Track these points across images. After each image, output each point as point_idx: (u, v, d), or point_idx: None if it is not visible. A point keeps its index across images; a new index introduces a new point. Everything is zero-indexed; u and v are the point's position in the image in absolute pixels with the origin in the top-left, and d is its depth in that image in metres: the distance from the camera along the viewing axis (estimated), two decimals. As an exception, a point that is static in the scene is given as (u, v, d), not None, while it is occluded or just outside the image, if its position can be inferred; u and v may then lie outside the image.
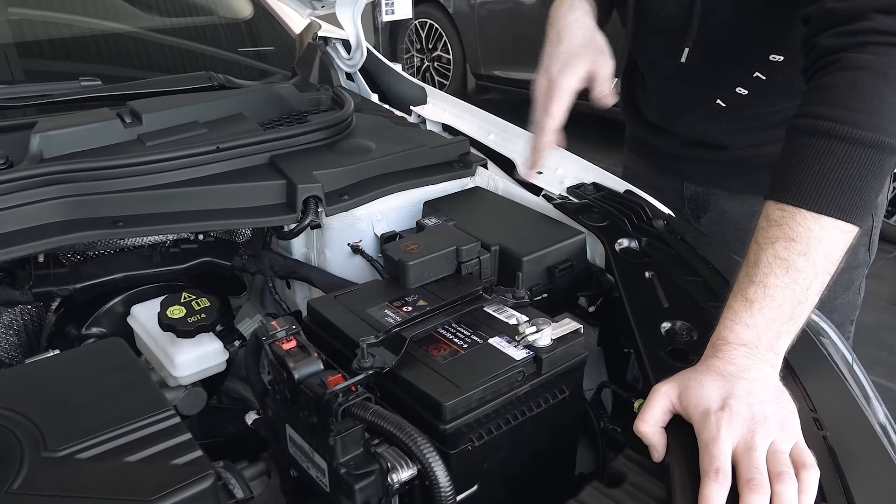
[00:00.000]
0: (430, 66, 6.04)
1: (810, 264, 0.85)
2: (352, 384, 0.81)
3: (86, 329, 1.22)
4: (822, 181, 0.85)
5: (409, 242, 1.06)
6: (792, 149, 0.90)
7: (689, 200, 1.47)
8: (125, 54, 1.91)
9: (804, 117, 0.89)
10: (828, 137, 0.86)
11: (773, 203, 0.88)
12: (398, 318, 0.96)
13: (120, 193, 1.12)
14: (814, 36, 0.95)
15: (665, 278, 1.08)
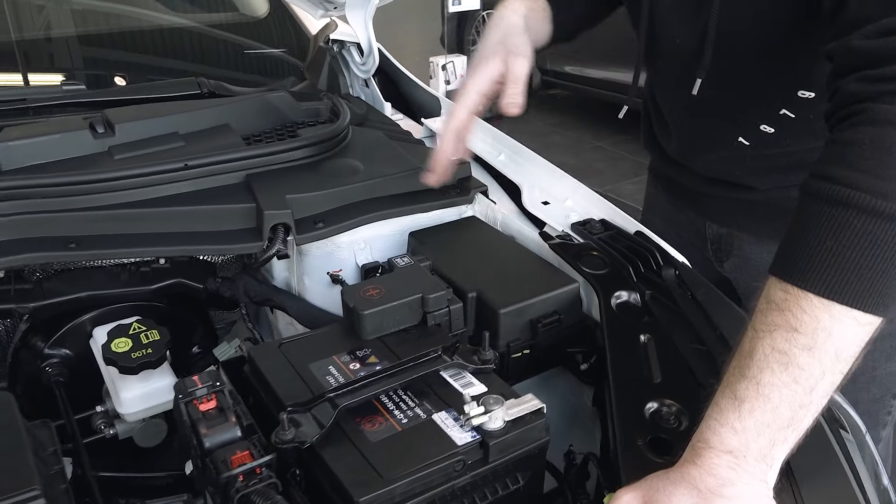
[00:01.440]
0: (495, 58, 5.88)
1: (815, 361, 0.69)
2: (256, 466, 0.70)
3: (48, 348, 1.16)
4: (836, 260, 0.69)
5: (370, 287, 0.95)
6: (803, 216, 0.73)
7: (711, 242, 1.30)
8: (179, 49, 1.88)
9: (820, 179, 0.73)
10: (846, 207, 0.69)
11: (776, 281, 0.73)
12: (340, 379, 0.85)
13: (75, 212, 1.04)
14: (837, 78, 0.78)
15: (663, 344, 0.93)
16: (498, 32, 1.08)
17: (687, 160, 1.23)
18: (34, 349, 1.16)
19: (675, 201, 1.36)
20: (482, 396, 0.78)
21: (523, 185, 1.28)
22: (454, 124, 1.09)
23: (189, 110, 1.23)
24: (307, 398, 0.81)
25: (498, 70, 1.06)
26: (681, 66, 1.11)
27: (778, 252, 0.74)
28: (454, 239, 1.15)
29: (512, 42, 1.07)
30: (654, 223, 1.47)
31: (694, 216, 1.32)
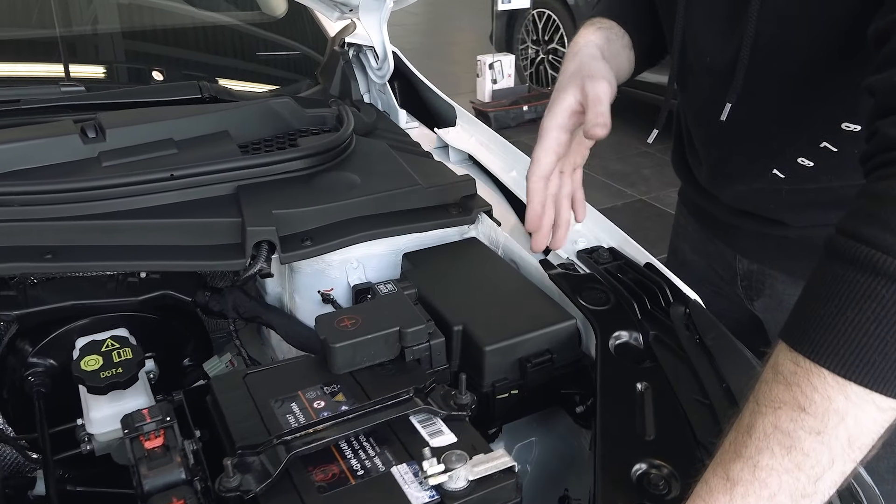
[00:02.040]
0: (544, 59, 5.77)
1: (824, 448, 0.60)
2: (175, 523, 0.65)
3: (33, 356, 1.13)
4: (857, 335, 0.59)
5: (345, 316, 0.88)
6: (823, 277, 0.64)
7: (741, 277, 1.20)
8: (214, 45, 1.86)
9: (846, 237, 0.63)
10: (874, 274, 0.59)
11: (787, 349, 0.63)
12: (301, 419, 0.79)
13: (53, 222, 1.01)
14: (877, 117, 0.68)
15: (662, 395, 0.84)
16: (573, 63, 0.99)
17: (716, 189, 1.13)
18: (21, 356, 1.14)
19: (704, 230, 1.26)
20: (445, 451, 0.71)
21: (532, 205, 1.20)
22: (540, 171, 0.97)
23: (186, 116, 1.19)
24: (261, 439, 0.75)
25: (576, 98, 0.95)
26: (711, 87, 1.01)
27: (791, 314, 0.65)
28: (449, 263, 1.07)
29: (588, 68, 0.97)
30: (682, 251, 1.37)
31: (724, 248, 1.22)
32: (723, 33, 0.97)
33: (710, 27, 0.99)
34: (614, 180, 4.44)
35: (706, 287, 1.33)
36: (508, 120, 5.35)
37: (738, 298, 1.26)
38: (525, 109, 5.41)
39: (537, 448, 1.06)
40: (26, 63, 1.80)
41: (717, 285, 1.30)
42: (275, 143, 1.24)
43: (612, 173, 4.50)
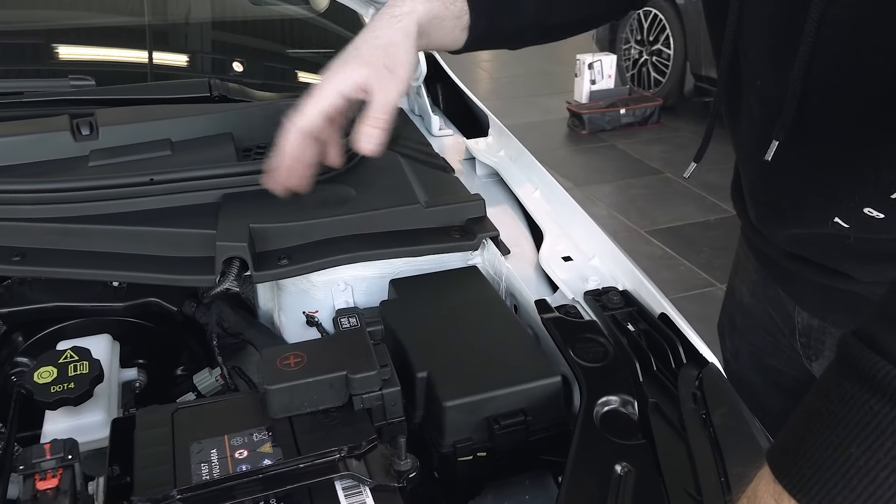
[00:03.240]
0: (647, 60, 5.49)
1: None
2: None
3: (19, 355, 1.11)
4: (858, 480, 0.44)
5: (292, 353, 0.79)
6: (828, 394, 0.49)
7: (800, 332, 1.02)
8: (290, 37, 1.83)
9: (863, 344, 0.47)
10: (892, 402, 0.44)
11: (770, 478, 0.49)
12: (216, 471, 0.70)
13: (27, 223, 0.96)
14: None
15: (645, 482, 0.70)
16: (384, 33, 0.86)
17: (767, 230, 0.96)
18: (11, 353, 1.12)
19: (762, 272, 1.09)
20: (349, 536, 0.60)
21: (547, 234, 1.06)
22: (300, 122, 0.89)
23: (187, 115, 1.13)
24: (165, 490, 0.67)
25: (364, 78, 0.85)
26: (762, 118, 0.85)
27: (782, 433, 0.50)
28: (436, 295, 0.96)
29: (394, 55, 0.85)
30: (740, 292, 1.20)
31: (783, 295, 1.05)
32: (777, 51, 0.81)
33: (762, 42, 0.83)
34: (710, 192, 4.16)
35: (764, 336, 1.16)
36: (603, 123, 5.13)
37: (795, 355, 1.08)
38: (622, 113, 5.17)
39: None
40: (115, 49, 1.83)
41: (775, 336, 1.13)
42: (280, 147, 1.16)
43: (708, 185, 4.22)
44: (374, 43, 0.86)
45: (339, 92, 0.86)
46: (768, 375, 1.20)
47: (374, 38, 0.87)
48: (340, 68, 0.86)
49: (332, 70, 0.87)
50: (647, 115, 5.25)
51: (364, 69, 0.85)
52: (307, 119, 0.88)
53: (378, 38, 0.86)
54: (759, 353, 1.19)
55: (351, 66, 0.85)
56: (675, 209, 4.04)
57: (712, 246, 3.63)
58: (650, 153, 4.84)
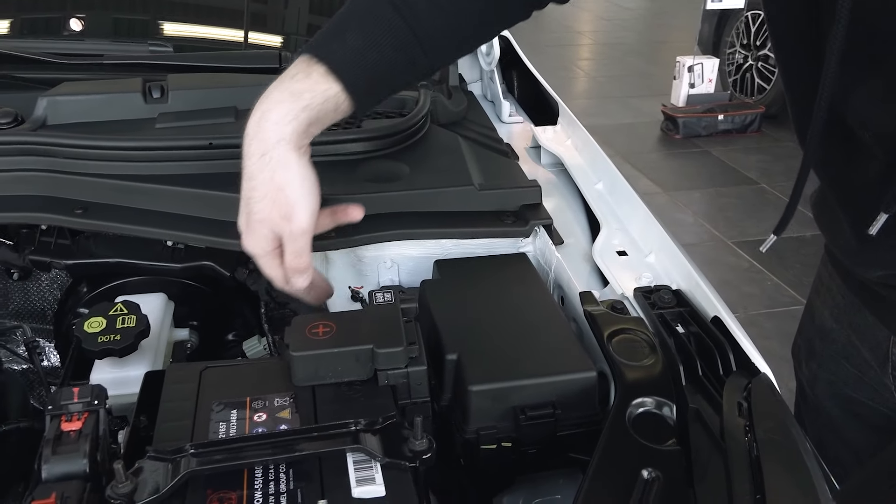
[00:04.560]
0: (752, 65, 5.25)
1: None
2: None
3: (81, 307, 1.16)
4: None
5: (322, 322, 0.78)
6: None
7: (893, 366, 0.94)
8: None
9: None
10: None
11: None
12: (233, 430, 0.70)
13: (91, 178, 1.00)
14: None
15: (673, 491, 0.66)
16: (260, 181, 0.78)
17: (862, 267, 0.89)
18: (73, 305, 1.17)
19: (850, 296, 1.01)
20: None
21: (604, 226, 1.02)
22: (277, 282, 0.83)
23: (254, 85, 1.14)
24: (181, 445, 0.67)
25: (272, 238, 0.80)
26: (867, 168, 0.78)
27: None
28: (480, 279, 0.93)
29: (281, 201, 0.78)
30: (822, 316, 1.10)
31: (875, 324, 0.96)
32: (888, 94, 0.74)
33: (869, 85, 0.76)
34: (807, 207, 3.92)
35: (846, 366, 1.06)
36: (699, 128, 4.95)
37: (887, 391, 0.99)
38: (720, 119, 4.97)
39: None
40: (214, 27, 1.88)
41: (860, 368, 1.03)
42: (342, 122, 1.16)
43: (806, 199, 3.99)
44: (256, 195, 0.78)
45: (267, 254, 0.81)
46: (849, 408, 1.10)
47: (253, 188, 0.78)
48: (249, 236, 0.80)
49: (245, 238, 0.81)
50: (747, 123, 5.02)
51: (265, 227, 0.79)
52: (275, 280, 0.83)
53: (256, 187, 0.78)
54: (840, 383, 1.09)
55: (255, 231, 0.80)
56: (768, 222, 3.85)
57: (804, 263, 3.44)
58: (746, 162, 4.63)
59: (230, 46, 1.68)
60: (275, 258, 0.81)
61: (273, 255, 0.80)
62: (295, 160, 0.78)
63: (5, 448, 0.95)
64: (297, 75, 0.78)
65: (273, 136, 0.77)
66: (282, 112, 0.77)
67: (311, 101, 0.77)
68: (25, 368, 1.30)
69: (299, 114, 0.77)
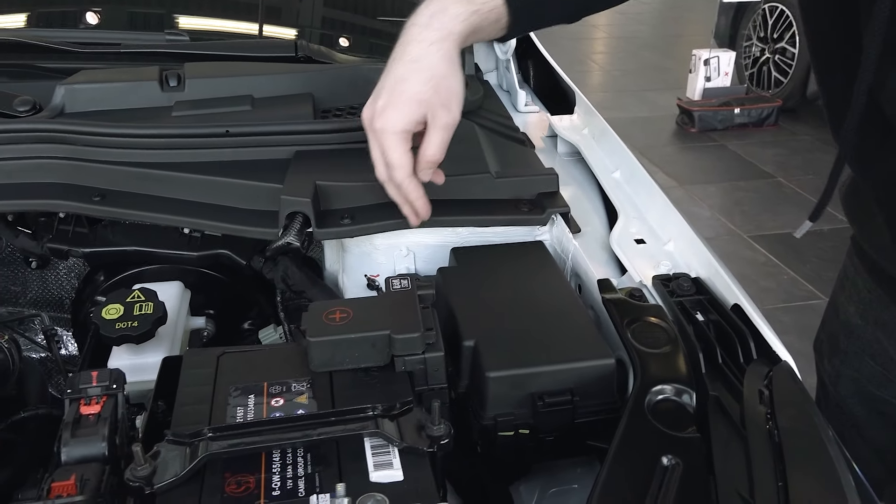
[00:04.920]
0: (770, 58, 5.20)
1: None
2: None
3: (99, 294, 1.16)
4: None
5: (339, 308, 0.78)
6: None
7: None
8: None
9: None
10: None
11: None
12: (250, 415, 0.70)
13: (109, 165, 1.00)
14: None
15: (693, 478, 0.65)
16: (426, 64, 0.81)
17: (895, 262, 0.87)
18: (90, 293, 1.17)
19: (878, 292, 0.99)
20: (366, 494, 0.58)
21: (621, 214, 1.01)
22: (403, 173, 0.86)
23: (273, 73, 1.14)
24: (199, 428, 0.67)
25: (422, 114, 0.82)
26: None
27: None
28: (497, 267, 0.93)
29: (446, 91, 0.82)
30: (847, 312, 1.09)
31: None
32: None
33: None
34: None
35: (870, 364, 1.04)
36: (715, 122, 4.90)
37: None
38: (736, 112, 4.92)
39: (578, 497, 0.90)
40: (229, 20, 1.88)
41: (885, 365, 1.01)
42: (359, 110, 1.15)
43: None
44: (421, 77, 0.81)
45: (405, 133, 0.83)
46: (873, 406, 1.09)
47: (418, 70, 0.81)
48: (396, 109, 0.82)
49: (388, 111, 0.83)
50: (764, 117, 4.98)
51: (420, 108, 0.82)
52: (405, 168, 0.85)
53: (422, 69, 0.81)
54: (864, 380, 1.07)
55: (406, 106, 0.82)
56: (785, 216, 3.81)
57: (822, 257, 3.40)
58: (763, 156, 4.58)
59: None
60: (407, 141, 0.84)
61: (407, 138, 0.83)
62: (458, 58, 0.83)
63: (24, 435, 0.96)
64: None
65: (446, 29, 0.81)
66: (457, 11, 0.81)
67: (480, 6, 0.82)
68: (43, 357, 1.31)
69: (470, 16, 0.82)
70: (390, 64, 0.83)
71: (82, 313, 1.17)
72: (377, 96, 0.84)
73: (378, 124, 0.83)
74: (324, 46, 1.29)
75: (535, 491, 0.90)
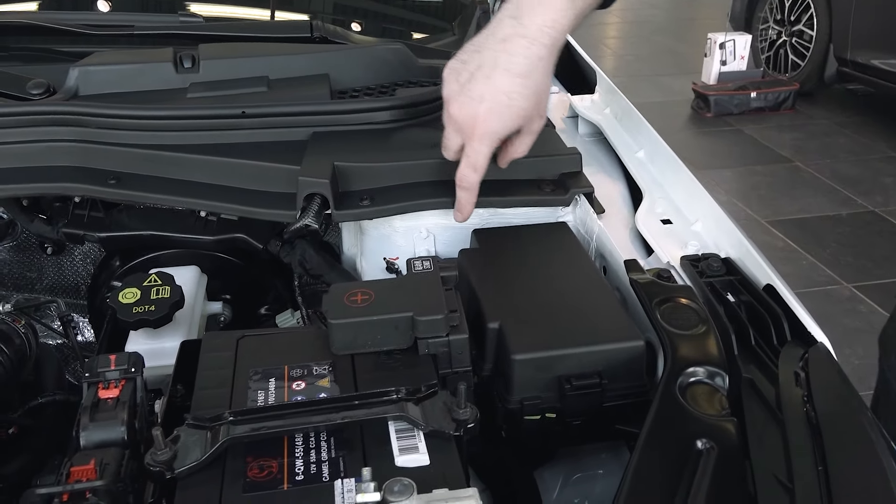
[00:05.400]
0: (787, 41, 5.12)
1: None
2: (65, 492, 0.57)
3: (115, 280, 1.15)
4: None
5: (359, 290, 0.76)
6: None
7: None
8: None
9: None
10: None
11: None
12: (271, 398, 0.69)
13: (124, 147, 0.98)
14: None
15: (729, 462, 0.63)
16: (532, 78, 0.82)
17: None
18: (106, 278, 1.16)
19: None
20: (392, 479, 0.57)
21: (646, 194, 0.98)
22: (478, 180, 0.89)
23: (286, 54, 1.12)
24: (219, 412, 0.66)
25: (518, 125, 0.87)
26: None
27: None
28: (521, 248, 0.90)
29: (544, 99, 0.86)
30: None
31: None
32: None
33: None
34: (844, 185, 3.84)
35: None
36: (731, 106, 4.84)
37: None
38: (753, 96, 4.85)
39: (603, 484, 0.88)
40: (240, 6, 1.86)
41: None
42: (377, 91, 1.13)
43: (842, 177, 3.90)
44: (528, 93, 0.83)
45: (499, 141, 0.88)
46: None
47: (525, 86, 0.83)
48: (501, 120, 0.84)
49: (491, 121, 0.84)
50: (781, 101, 4.90)
51: (522, 121, 0.86)
52: (481, 171, 0.88)
53: (529, 86, 0.83)
54: None
55: (510, 120, 0.85)
56: (803, 200, 3.76)
57: (841, 242, 3.36)
58: (780, 140, 4.52)
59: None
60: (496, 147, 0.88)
61: (497, 144, 0.88)
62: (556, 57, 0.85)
63: (42, 420, 0.95)
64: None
65: (551, 43, 0.82)
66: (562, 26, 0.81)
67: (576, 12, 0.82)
68: (60, 343, 1.30)
69: (572, 21, 0.82)
70: (489, 61, 0.83)
71: (98, 299, 1.16)
72: (475, 97, 0.84)
73: (480, 130, 0.85)
74: (331, 25, 1.27)
75: (559, 476, 0.88)
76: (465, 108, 0.84)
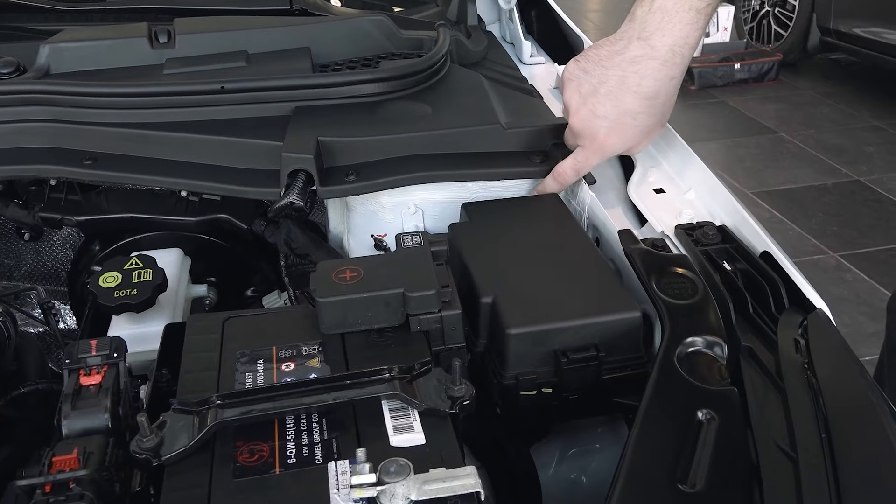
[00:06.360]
0: (769, 11, 5.10)
1: None
2: (46, 483, 0.54)
3: (95, 264, 1.12)
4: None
5: (348, 267, 0.74)
6: None
7: None
8: None
9: None
10: None
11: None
12: (260, 380, 0.67)
13: (99, 127, 0.95)
14: None
15: (730, 431, 0.61)
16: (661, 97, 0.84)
17: None
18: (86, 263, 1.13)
19: None
20: (388, 459, 0.55)
21: (638, 163, 0.96)
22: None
23: (267, 27, 1.09)
24: (206, 396, 0.64)
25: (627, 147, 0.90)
26: None
27: None
28: (512, 221, 0.88)
29: (666, 119, 0.89)
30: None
31: None
32: None
33: None
34: (829, 155, 3.85)
35: None
36: (715, 78, 4.83)
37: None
38: (737, 68, 4.84)
39: (599, 458, 0.87)
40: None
41: None
42: (360, 63, 1.10)
43: (827, 147, 3.90)
44: (655, 111, 0.85)
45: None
46: None
47: (653, 106, 0.84)
48: (624, 137, 0.86)
49: (613, 137, 0.86)
50: (765, 72, 4.89)
51: (641, 139, 0.88)
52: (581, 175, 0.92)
53: (656, 105, 0.84)
54: None
55: (634, 137, 0.87)
56: (788, 171, 3.77)
57: (827, 212, 3.37)
58: (764, 111, 4.52)
59: None
60: None
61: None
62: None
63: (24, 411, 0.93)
64: None
65: (682, 62, 0.83)
66: (693, 41, 0.82)
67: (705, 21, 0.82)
68: (41, 331, 1.27)
69: (702, 32, 0.82)
70: (615, 80, 0.83)
71: (79, 285, 1.13)
72: (599, 115, 0.85)
73: (598, 145, 0.87)
74: None
75: (555, 452, 0.87)
76: (586, 122, 0.85)
